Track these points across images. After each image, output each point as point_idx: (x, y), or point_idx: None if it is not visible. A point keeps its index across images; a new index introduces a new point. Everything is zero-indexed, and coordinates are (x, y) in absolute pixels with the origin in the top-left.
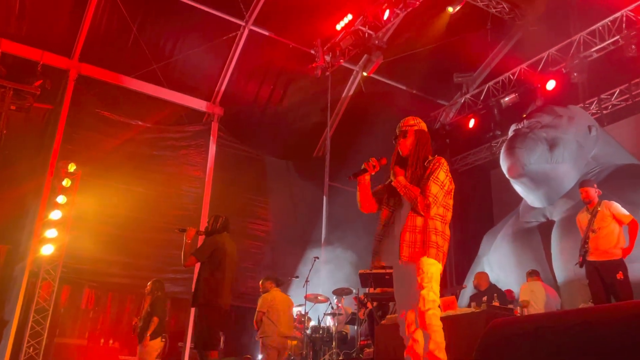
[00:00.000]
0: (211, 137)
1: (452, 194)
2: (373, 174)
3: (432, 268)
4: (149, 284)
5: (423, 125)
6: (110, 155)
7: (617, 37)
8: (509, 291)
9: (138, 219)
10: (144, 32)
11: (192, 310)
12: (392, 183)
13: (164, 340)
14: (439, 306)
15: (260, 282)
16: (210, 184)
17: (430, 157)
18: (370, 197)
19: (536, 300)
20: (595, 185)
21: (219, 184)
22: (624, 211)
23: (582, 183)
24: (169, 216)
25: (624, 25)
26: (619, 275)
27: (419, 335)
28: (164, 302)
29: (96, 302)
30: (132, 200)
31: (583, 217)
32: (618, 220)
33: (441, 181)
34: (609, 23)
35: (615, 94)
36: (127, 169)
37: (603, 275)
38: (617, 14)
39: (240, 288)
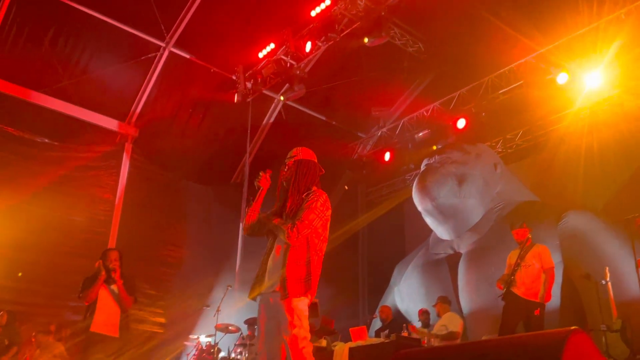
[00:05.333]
0: (124, 159)
1: (328, 226)
2: (268, 187)
3: (300, 304)
4: None
5: (306, 154)
6: (12, 174)
7: (521, 82)
8: (413, 327)
9: (39, 242)
10: (56, 46)
11: None
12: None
13: None
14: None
15: None
16: (121, 208)
17: (313, 189)
18: (253, 223)
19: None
20: (524, 225)
21: (131, 207)
22: (549, 258)
23: (512, 226)
24: (75, 240)
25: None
26: (537, 312)
27: None
28: None
29: None
30: (35, 222)
31: (514, 254)
32: (540, 263)
33: (318, 211)
34: (515, 67)
35: (519, 135)
36: (31, 188)
37: (521, 309)
38: (522, 60)
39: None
